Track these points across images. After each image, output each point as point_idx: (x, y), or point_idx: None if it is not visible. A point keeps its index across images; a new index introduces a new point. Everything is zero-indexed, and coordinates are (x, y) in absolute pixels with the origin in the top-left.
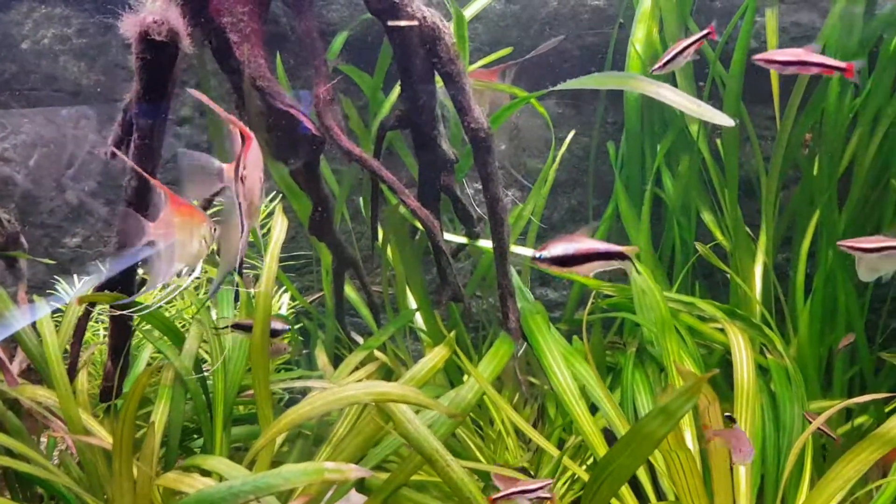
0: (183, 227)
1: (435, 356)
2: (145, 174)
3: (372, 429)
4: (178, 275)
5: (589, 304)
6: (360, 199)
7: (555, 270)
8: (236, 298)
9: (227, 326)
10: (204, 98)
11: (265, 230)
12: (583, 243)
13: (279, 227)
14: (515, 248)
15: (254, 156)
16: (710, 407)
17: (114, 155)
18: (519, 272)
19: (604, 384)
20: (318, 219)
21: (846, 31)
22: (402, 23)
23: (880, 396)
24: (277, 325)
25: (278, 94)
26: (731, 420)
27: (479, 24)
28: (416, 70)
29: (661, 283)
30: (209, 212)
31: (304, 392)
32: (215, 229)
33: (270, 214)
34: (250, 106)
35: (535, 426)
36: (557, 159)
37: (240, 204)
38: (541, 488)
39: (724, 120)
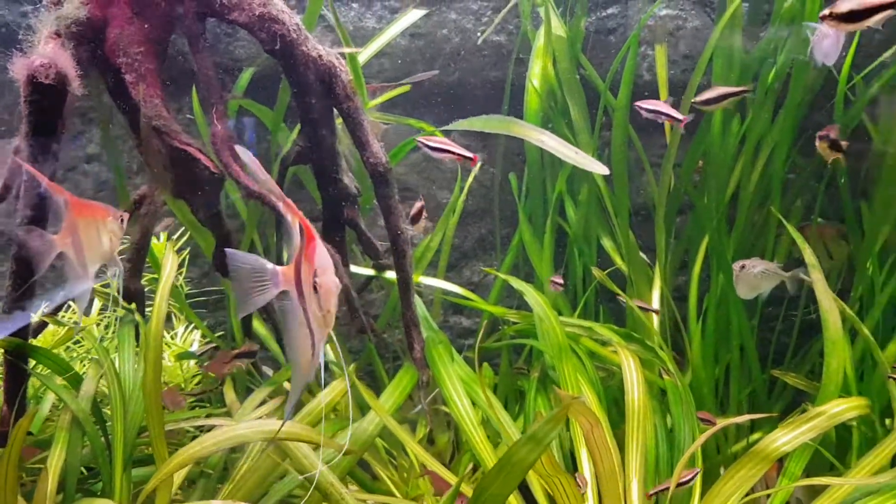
0: (88, 227)
1: (332, 391)
2: (42, 177)
3: (269, 465)
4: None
5: (480, 333)
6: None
7: None
8: (137, 337)
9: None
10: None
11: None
12: None
13: (169, 266)
14: (424, 279)
15: (323, 256)
16: (593, 429)
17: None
18: (430, 302)
19: (499, 410)
20: (222, 255)
21: (727, 63)
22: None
23: (753, 417)
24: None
25: (175, 133)
26: None
27: (386, 59)
28: (314, 107)
29: (564, 308)
30: None
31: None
32: (124, 220)
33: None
34: (148, 145)
35: (452, 452)
36: (465, 190)
37: (306, 312)
38: None
39: (599, 168)
